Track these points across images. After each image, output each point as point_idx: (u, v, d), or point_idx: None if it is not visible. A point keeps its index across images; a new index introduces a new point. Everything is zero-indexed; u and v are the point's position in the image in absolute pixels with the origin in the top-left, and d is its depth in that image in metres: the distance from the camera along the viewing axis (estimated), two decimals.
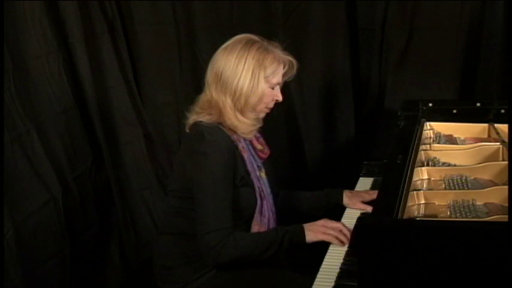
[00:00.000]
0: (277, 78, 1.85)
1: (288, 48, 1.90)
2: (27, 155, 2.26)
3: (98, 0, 2.77)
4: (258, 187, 1.88)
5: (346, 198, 2.08)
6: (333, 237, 1.79)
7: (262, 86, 1.81)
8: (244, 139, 1.89)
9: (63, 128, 2.55)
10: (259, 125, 1.91)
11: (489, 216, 1.62)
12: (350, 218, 1.97)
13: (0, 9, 2.16)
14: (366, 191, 2.12)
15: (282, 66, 1.85)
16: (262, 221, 1.89)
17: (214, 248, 1.72)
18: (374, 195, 2.02)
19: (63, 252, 2.39)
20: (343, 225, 1.84)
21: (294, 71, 1.90)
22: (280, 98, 1.88)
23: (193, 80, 2.94)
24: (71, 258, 2.43)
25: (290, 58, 1.87)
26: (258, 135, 1.99)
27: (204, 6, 2.84)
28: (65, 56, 2.59)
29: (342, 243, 1.79)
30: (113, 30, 2.86)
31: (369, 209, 1.99)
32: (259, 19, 2.81)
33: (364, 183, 2.23)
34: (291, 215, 2.08)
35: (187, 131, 1.90)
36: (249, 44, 1.83)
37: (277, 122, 2.57)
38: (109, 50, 2.84)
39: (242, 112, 1.82)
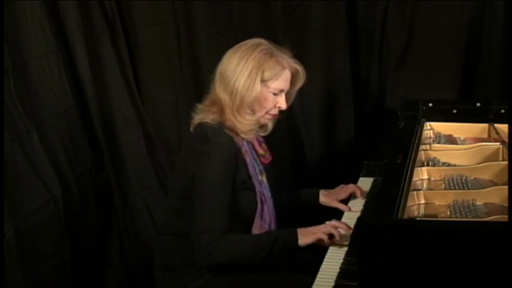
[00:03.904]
0: (279, 84, 1.82)
1: (288, 48, 1.89)
2: (27, 155, 2.26)
3: (98, 0, 2.76)
4: (259, 191, 1.88)
5: (323, 196, 2.12)
6: (323, 234, 1.77)
7: (258, 88, 1.79)
8: (247, 142, 1.89)
9: (63, 128, 2.55)
10: (259, 126, 1.89)
11: (489, 216, 1.62)
12: (350, 218, 1.97)
13: (0, 9, 2.15)
14: (341, 189, 2.14)
15: (285, 73, 1.83)
16: (263, 225, 1.89)
17: (206, 249, 1.71)
18: (350, 190, 2.11)
19: (63, 252, 2.39)
20: (340, 223, 1.84)
21: (302, 80, 1.88)
22: (283, 105, 1.86)
23: (193, 80, 2.95)
24: (71, 258, 2.42)
25: (297, 66, 1.85)
26: (261, 139, 1.99)
27: (204, 6, 2.84)
28: (65, 56, 2.58)
29: (336, 237, 1.78)
30: (113, 30, 2.86)
31: (343, 207, 2.06)
32: (259, 19, 2.81)
33: (364, 183, 2.23)
34: (291, 219, 2.09)
35: (191, 130, 1.90)
36: (255, 46, 1.82)
37: (277, 122, 2.57)
38: (109, 50, 2.83)
39: (239, 112, 1.81)
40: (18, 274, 2.09)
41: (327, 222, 1.85)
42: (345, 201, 2.12)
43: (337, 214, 2.05)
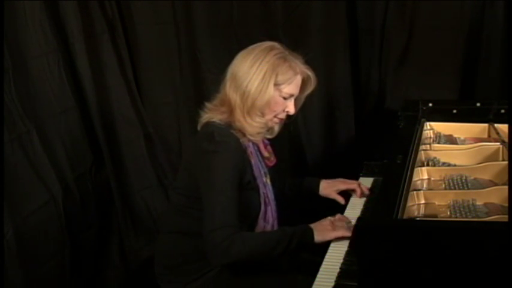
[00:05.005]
0: (290, 88, 1.83)
1: (300, 53, 1.88)
2: (27, 155, 2.26)
3: (98, 0, 2.76)
4: (263, 193, 1.88)
5: (322, 189, 2.15)
6: (343, 230, 1.79)
7: (271, 91, 1.80)
8: (253, 144, 1.89)
9: (63, 128, 2.55)
10: (267, 130, 1.91)
11: (489, 216, 1.62)
12: (350, 218, 1.98)
13: (0, 9, 2.16)
14: (342, 181, 2.15)
15: (297, 78, 1.83)
16: (266, 227, 1.89)
17: (220, 246, 1.68)
18: (351, 185, 2.13)
19: (63, 252, 2.39)
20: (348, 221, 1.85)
21: (312, 86, 1.89)
22: (291, 110, 1.87)
23: (193, 80, 2.94)
24: (71, 258, 2.42)
25: (309, 72, 1.86)
26: (267, 142, 2.00)
27: (204, 6, 2.84)
28: (65, 56, 2.58)
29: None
30: (113, 30, 2.85)
31: (340, 199, 2.09)
32: (259, 19, 2.81)
33: (364, 183, 2.23)
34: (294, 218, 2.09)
35: (198, 129, 1.90)
36: (269, 49, 1.83)
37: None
38: (109, 50, 2.83)
39: (249, 114, 1.82)
40: (18, 274, 2.09)
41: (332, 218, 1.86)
42: (345, 194, 2.14)
43: (337, 206, 2.09)
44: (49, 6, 2.49)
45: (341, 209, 2.07)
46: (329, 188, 2.14)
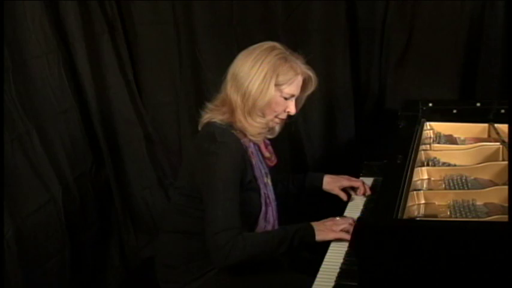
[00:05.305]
0: (291, 89, 1.83)
1: (301, 54, 1.88)
2: (27, 155, 2.26)
3: (98, 0, 2.76)
4: (264, 193, 1.88)
5: (326, 184, 2.15)
6: (344, 233, 1.80)
7: (272, 92, 1.80)
8: (254, 144, 1.89)
9: (63, 128, 2.55)
10: (268, 130, 1.91)
11: (489, 216, 1.63)
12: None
13: (0, 9, 2.16)
14: (347, 177, 2.16)
15: (298, 78, 1.83)
16: (266, 227, 1.89)
17: (224, 248, 1.70)
18: (355, 182, 2.13)
19: (63, 252, 2.39)
20: (352, 222, 1.85)
21: (313, 86, 1.89)
22: (292, 110, 1.87)
23: (193, 80, 2.94)
24: (71, 258, 2.42)
25: (310, 73, 1.86)
26: (268, 142, 2.00)
27: (204, 6, 2.84)
28: (65, 56, 2.58)
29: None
30: (113, 30, 2.85)
31: (343, 195, 2.10)
32: (259, 19, 2.81)
33: None
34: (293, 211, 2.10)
35: (199, 129, 1.90)
36: (270, 49, 1.83)
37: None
38: (109, 50, 2.83)
39: (250, 114, 1.82)
40: (18, 274, 2.09)
41: (337, 218, 1.87)
42: (346, 192, 2.14)
43: (339, 203, 2.09)
44: (49, 6, 2.49)
45: (342, 206, 2.07)
46: (333, 183, 2.14)
